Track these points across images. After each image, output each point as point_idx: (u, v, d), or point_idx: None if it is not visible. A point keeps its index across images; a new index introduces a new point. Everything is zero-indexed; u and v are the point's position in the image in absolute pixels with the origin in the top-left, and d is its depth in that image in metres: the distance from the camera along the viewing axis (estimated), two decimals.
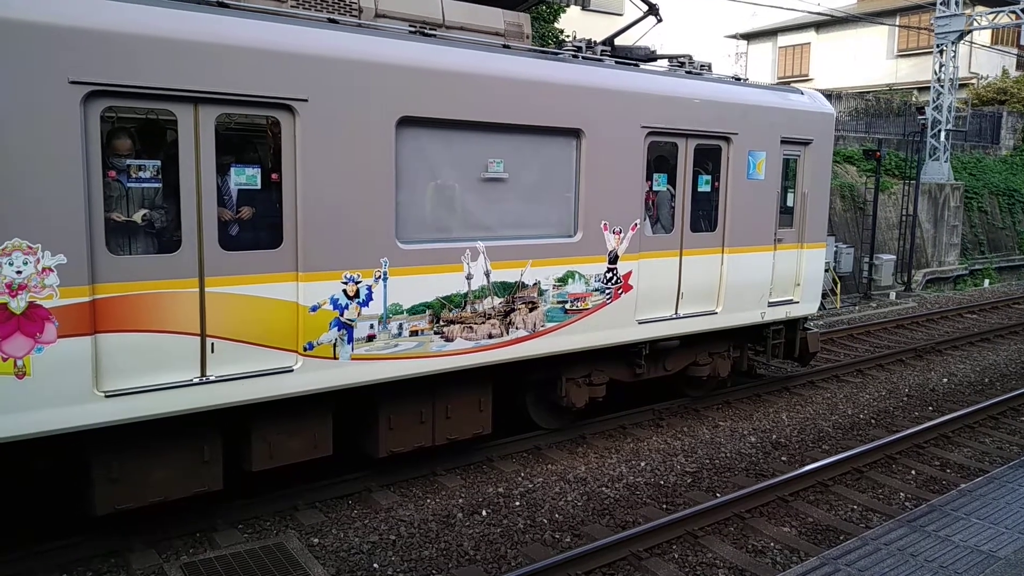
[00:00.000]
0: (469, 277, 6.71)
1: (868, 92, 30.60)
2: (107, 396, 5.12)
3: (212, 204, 5.46)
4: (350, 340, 6.11)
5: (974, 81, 32.29)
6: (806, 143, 9.33)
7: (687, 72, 8.49)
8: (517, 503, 6.91)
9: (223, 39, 5.36)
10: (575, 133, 7.27)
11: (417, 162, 6.44)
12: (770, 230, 9.05)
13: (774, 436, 8.84)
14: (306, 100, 5.68)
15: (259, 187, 5.73)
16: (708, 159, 8.46)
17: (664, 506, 6.97)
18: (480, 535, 6.30)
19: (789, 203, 9.43)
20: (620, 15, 30.24)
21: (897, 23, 33.60)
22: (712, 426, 9.08)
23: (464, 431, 7.26)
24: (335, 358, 6.06)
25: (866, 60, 35.82)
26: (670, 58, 8.82)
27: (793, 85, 12.10)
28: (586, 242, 7.43)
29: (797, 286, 9.54)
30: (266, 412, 5.97)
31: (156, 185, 5.39)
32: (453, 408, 7.10)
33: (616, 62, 7.94)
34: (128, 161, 5.30)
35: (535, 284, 7.13)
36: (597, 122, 7.35)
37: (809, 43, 39.12)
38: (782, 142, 9.02)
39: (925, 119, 22.24)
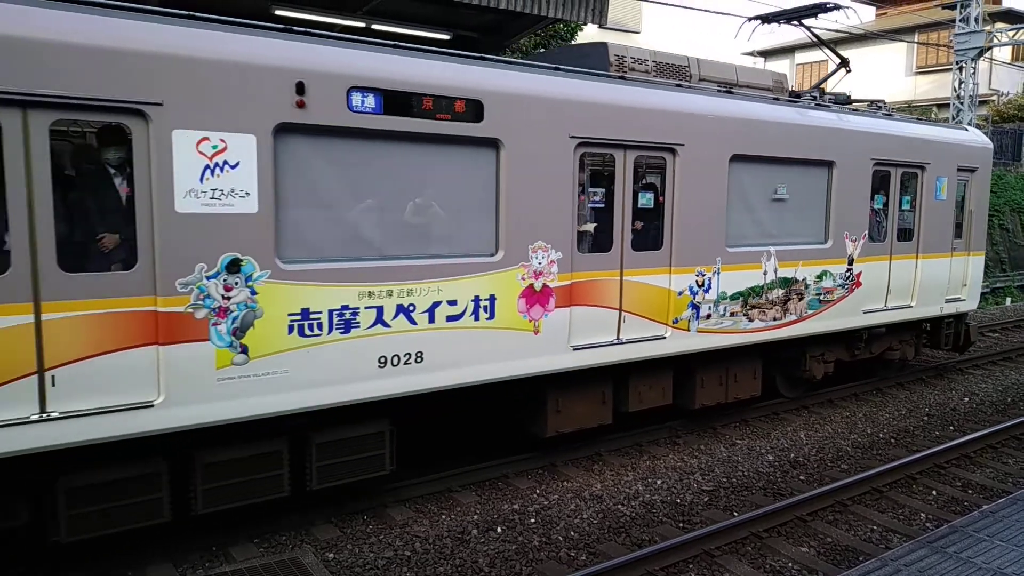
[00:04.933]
0: (765, 273, 8.79)
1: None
2: (574, 349, 7.29)
3: (630, 217, 7.59)
4: (697, 317, 8.20)
5: (994, 98, 32.06)
6: (972, 170, 11.50)
7: (884, 114, 10.65)
8: (532, 520, 6.88)
9: (631, 102, 7.47)
10: (828, 164, 9.35)
11: (738, 188, 8.45)
12: (948, 240, 11.21)
13: (792, 455, 8.76)
14: (683, 144, 7.76)
15: (652, 207, 7.85)
16: (909, 183, 10.61)
17: (680, 525, 6.92)
18: (495, 552, 6.28)
19: (959, 219, 11.59)
20: (637, 32, 30.38)
21: (916, 40, 33.47)
22: (729, 444, 9.02)
23: (743, 393, 9.31)
24: (688, 330, 8.15)
25: (885, 77, 35.67)
26: (869, 102, 11.11)
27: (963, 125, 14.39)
28: (834, 248, 9.54)
29: (964, 286, 11.66)
30: (637, 368, 8.05)
31: (600, 206, 7.53)
32: (739, 375, 9.16)
33: (843, 109, 10.07)
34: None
35: (803, 280, 9.21)
36: (843, 155, 9.42)
37: (827, 60, 39.05)
38: (957, 169, 11.16)
39: None
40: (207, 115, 5.21)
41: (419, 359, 6.31)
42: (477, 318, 6.61)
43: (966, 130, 11.98)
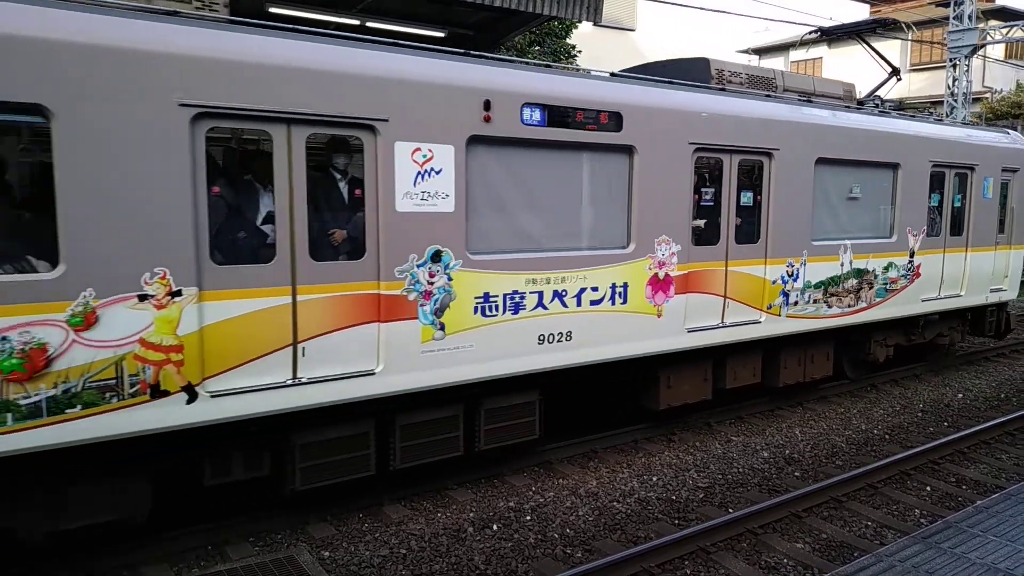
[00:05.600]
0: (842, 265, 9.70)
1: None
2: (688, 331, 8.14)
3: (734, 213, 8.52)
4: (787, 303, 9.12)
5: (988, 95, 32.14)
6: (1015, 171, 12.38)
7: (935, 120, 11.72)
8: (528, 517, 6.89)
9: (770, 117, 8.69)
10: (894, 166, 10.24)
11: (821, 187, 9.32)
12: (993, 235, 12.08)
13: (787, 451, 8.78)
14: (777, 149, 8.69)
15: (752, 205, 8.75)
16: (961, 183, 11.48)
17: (676, 521, 6.93)
18: (491, 549, 6.29)
19: (1002, 216, 12.48)
20: (632, 30, 30.36)
21: (910, 38, 33.50)
22: (725, 441, 9.04)
23: (818, 374, 10.24)
24: (779, 315, 9.08)
25: (879, 75, 35.74)
26: (919, 108, 11.60)
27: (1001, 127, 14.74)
28: (898, 242, 10.46)
29: (1006, 277, 12.58)
30: (734, 350, 8.96)
31: (710, 204, 8.41)
32: (815, 356, 10.10)
33: (901, 114, 11.08)
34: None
35: (872, 271, 10.11)
36: (906, 158, 10.33)
37: (821, 57, 39.10)
38: (1001, 170, 12.05)
39: None
40: (419, 129, 6.18)
41: (568, 338, 7.29)
42: (614, 303, 7.56)
43: (1007, 134, 12.81)
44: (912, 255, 10.67)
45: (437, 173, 6.28)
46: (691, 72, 8.77)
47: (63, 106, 4.77)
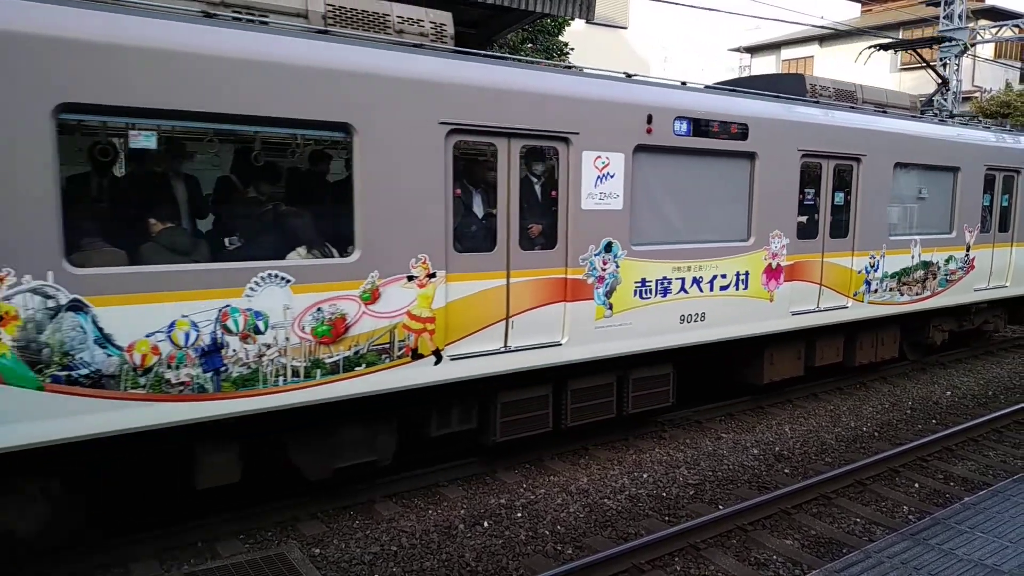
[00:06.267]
0: (912, 257, 10.95)
1: None
2: (792, 315, 9.43)
3: (830, 211, 9.76)
4: (868, 291, 10.38)
5: (977, 95, 32.30)
6: None
7: (983, 127, 12.75)
8: (519, 514, 6.90)
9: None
10: (954, 170, 11.49)
11: (897, 189, 10.62)
12: None
13: (777, 448, 8.82)
14: (865, 155, 9.99)
15: (843, 204, 9.91)
16: (1008, 184, 12.63)
17: (666, 518, 6.96)
18: (482, 546, 6.29)
19: None
20: (624, 28, 30.36)
21: (900, 37, 33.66)
22: (715, 438, 9.07)
23: (887, 355, 11.59)
24: (862, 301, 10.32)
25: (869, 73, 35.87)
26: (970, 117, 13.40)
27: None
28: (957, 237, 11.71)
29: None
30: (821, 332, 10.21)
31: (811, 203, 9.61)
32: (885, 339, 11.42)
33: (958, 123, 12.34)
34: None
35: (936, 263, 11.35)
36: (965, 162, 11.58)
37: (812, 56, 39.23)
38: None
39: None
40: (600, 139, 7.39)
41: (703, 318, 8.47)
42: (737, 288, 8.78)
43: None
44: (968, 249, 11.97)
45: (611, 177, 7.52)
46: (789, 86, 10.02)
47: (362, 124, 5.96)
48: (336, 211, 6.16)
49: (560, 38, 18.91)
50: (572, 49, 19.24)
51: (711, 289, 8.48)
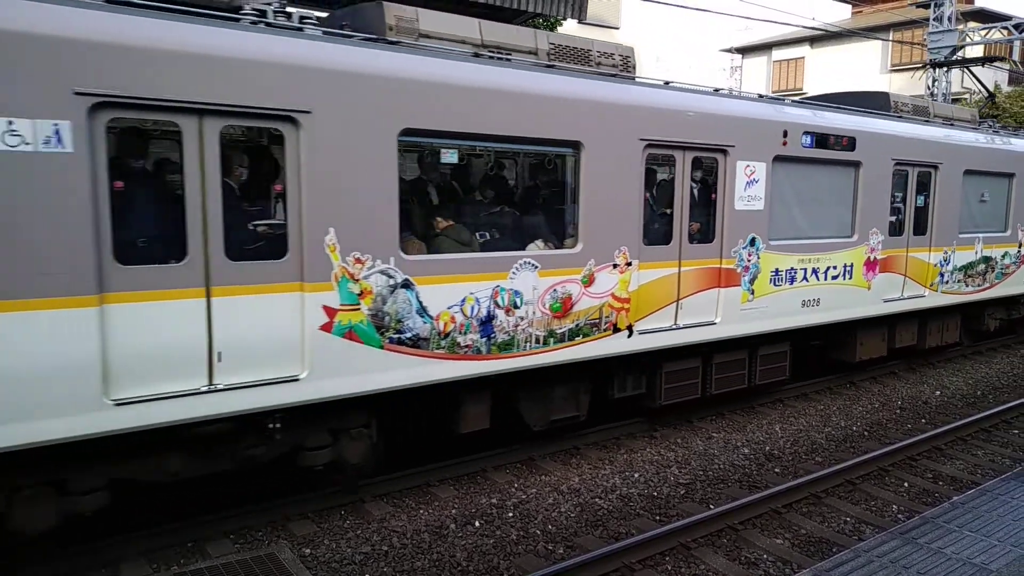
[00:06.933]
0: (976, 253, 12.46)
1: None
2: (884, 302, 10.98)
3: (913, 211, 11.26)
4: (942, 282, 11.87)
5: (967, 96, 32.49)
6: None
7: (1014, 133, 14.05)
8: (510, 514, 6.89)
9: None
10: (1009, 176, 13.06)
11: (965, 192, 12.08)
12: None
13: (767, 448, 8.85)
14: (941, 163, 11.50)
15: (923, 205, 11.39)
16: None
17: (657, 517, 6.97)
18: (473, 546, 6.29)
19: None
20: (616, 28, 30.39)
21: (891, 38, 33.81)
22: (706, 437, 9.09)
23: (950, 339, 12.96)
24: (937, 291, 11.84)
25: (860, 74, 36.02)
26: (1017, 128, 14.99)
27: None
28: (1011, 235, 13.26)
29: None
30: (900, 318, 11.69)
31: (899, 205, 11.07)
32: (947, 327, 12.78)
33: (1012, 133, 13.72)
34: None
35: (994, 258, 12.89)
36: (1019, 169, 13.09)
37: (803, 57, 39.35)
38: None
39: None
40: (750, 151, 8.84)
41: (818, 304, 9.98)
42: (844, 278, 10.26)
43: None
44: (1021, 246, 13.47)
45: (756, 182, 8.95)
46: (876, 103, 11.48)
47: (588, 141, 7.39)
48: (565, 212, 7.75)
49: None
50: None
51: (825, 278, 10.05)
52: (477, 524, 6.68)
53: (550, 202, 8.02)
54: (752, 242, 9.02)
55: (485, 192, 7.85)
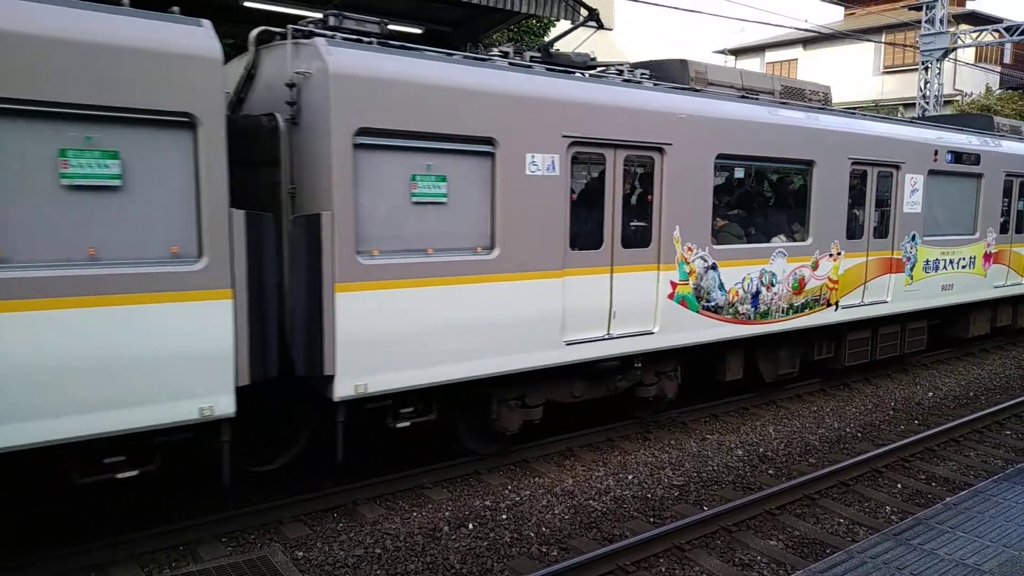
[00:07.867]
0: None
1: (855, 108, 30.78)
2: (995, 287, 13.45)
3: (1015, 215, 13.83)
4: None
5: (958, 98, 32.61)
6: None
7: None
8: (504, 516, 6.88)
9: None
10: None
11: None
12: None
13: (761, 449, 8.85)
14: None
15: (1022, 209, 13.84)
16: None
17: (651, 519, 6.96)
18: (466, 549, 6.27)
19: None
20: (610, 30, 30.36)
21: (883, 40, 33.94)
22: (700, 439, 9.09)
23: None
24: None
25: (852, 76, 36.14)
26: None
27: None
28: None
29: None
30: (1000, 303, 14.15)
31: (1005, 208, 13.61)
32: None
33: None
34: None
35: None
36: None
37: (796, 59, 39.47)
38: None
39: None
40: (914, 166, 11.22)
41: (952, 288, 12.35)
42: (968, 267, 12.69)
43: None
44: None
45: (916, 191, 11.32)
46: (981, 124, 13.80)
47: (819, 159, 9.74)
48: (800, 213, 9.94)
49: (545, 39, 18.88)
50: (557, 51, 19.22)
51: (957, 268, 12.42)
52: (471, 526, 6.66)
53: (790, 206, 10.09)
54: (913, 238, 11.38)
55: (750, 198, 9.85)
